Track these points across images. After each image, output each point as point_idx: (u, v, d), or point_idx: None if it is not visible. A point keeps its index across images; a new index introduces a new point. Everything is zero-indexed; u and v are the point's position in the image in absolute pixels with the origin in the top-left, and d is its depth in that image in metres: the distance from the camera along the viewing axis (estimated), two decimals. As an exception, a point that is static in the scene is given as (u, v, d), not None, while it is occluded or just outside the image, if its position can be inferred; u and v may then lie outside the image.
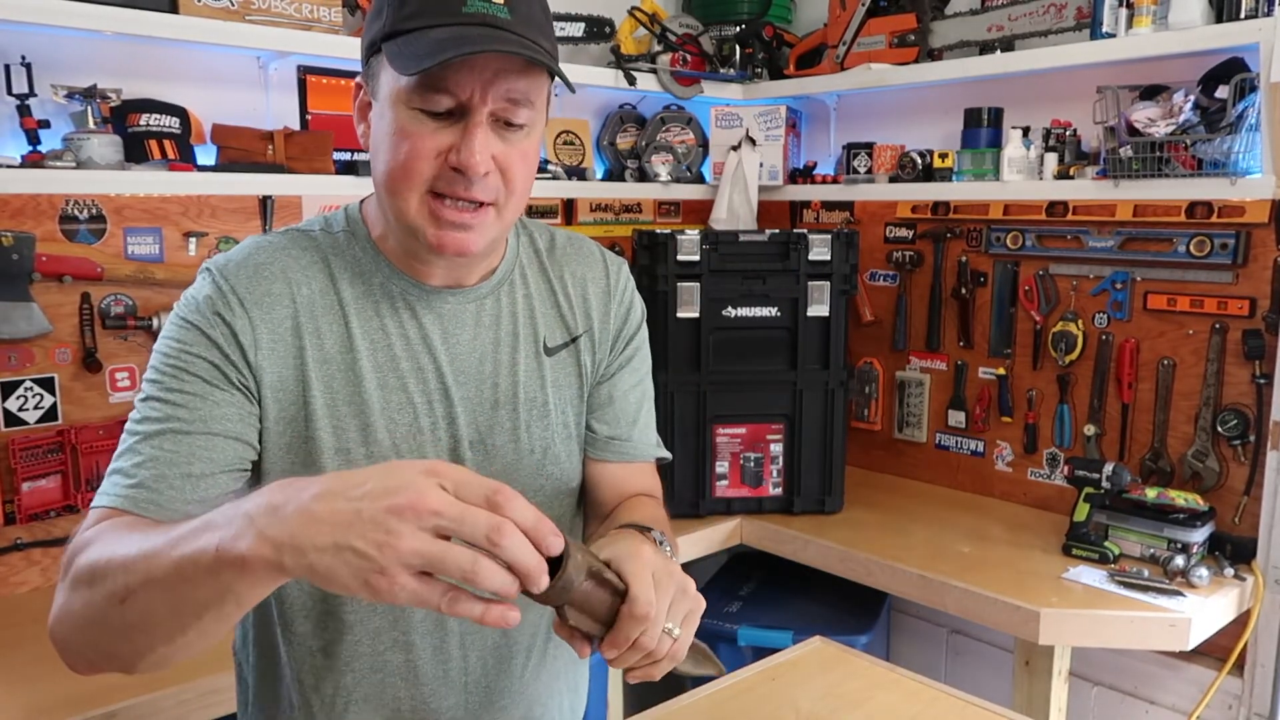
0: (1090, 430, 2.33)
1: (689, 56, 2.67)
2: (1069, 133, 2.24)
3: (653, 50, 2.62)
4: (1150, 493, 2.06)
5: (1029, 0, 2.21)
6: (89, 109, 1.81)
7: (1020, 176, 2.29)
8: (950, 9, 2.44)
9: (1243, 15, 1.90)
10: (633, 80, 2.54)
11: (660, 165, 2.73)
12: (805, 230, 2.35)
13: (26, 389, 1.85)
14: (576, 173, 2.63)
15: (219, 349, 1.00)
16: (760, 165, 2.74)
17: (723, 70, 2.73)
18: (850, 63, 2.55)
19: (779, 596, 2.50)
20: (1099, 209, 2.25)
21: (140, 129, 1.90)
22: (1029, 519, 2.36)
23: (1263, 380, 2.05)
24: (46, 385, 1.87)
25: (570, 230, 1.26)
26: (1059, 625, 1.82)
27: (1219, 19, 1.94)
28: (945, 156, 2.43)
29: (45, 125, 1.80)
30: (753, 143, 2.73)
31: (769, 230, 2.37)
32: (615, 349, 1.21)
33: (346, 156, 2.19)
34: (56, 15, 1.67)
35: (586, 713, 1.35)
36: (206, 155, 2.02)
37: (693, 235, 2.28)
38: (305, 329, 1.04)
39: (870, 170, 2.60)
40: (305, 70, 2.18)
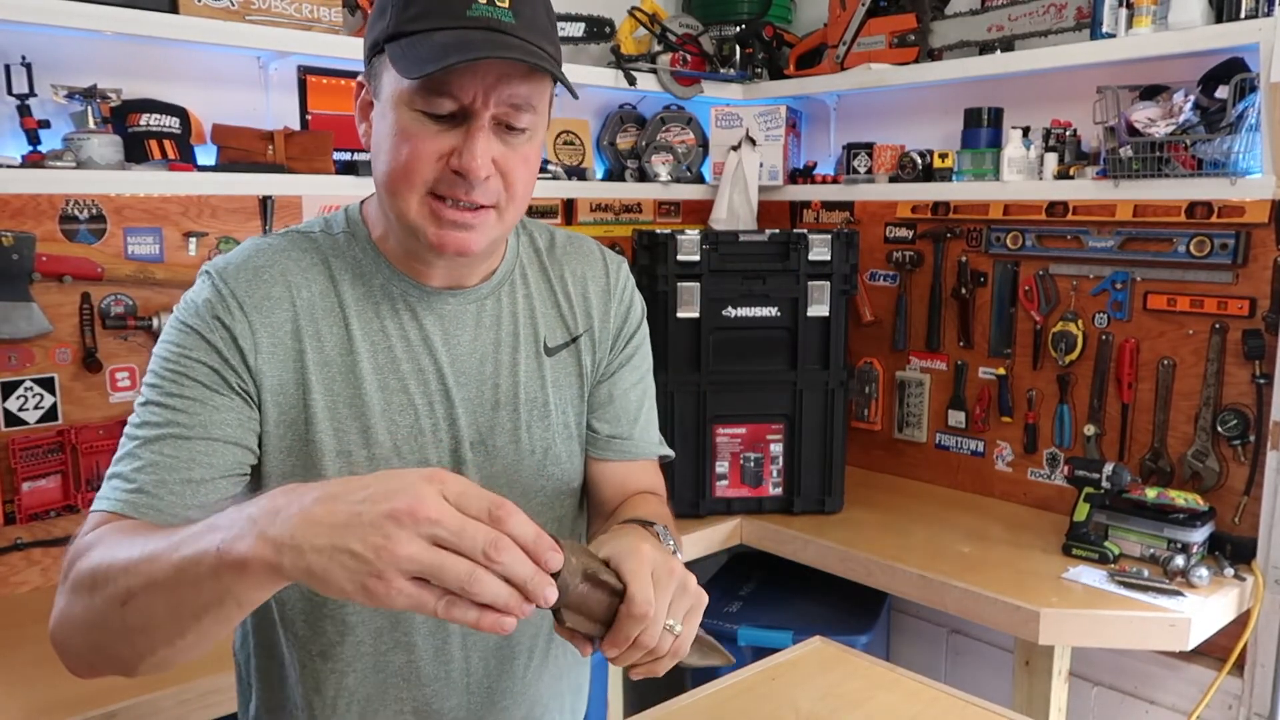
0: (1090, 430, 2.33)
1: (689, 56, 2.67)
2: (1069, 133, 2.23)
3: (653, 50, 2.62)
4: (1150, 493, 2.06)
5: (1029, 0, 2.21)
6: (89, 109, 1.81)
7: (1020, 176, 2.29)
8: (950, 9, 2.44)
9: (1243, 15, 1.90)
10: (633, 80, 2.53)
11: (660, 165, 2.73)
12: (805, 230, 2.35)
13: (26, 389, 1.85)
14: (576, 173, 2.63)
15: (218, 353, 1.00)
16: (760, 165, 2.74)
17: (723, 70, 2.73)
18: (850, 63, 2.55)
19: (779, 596, 2.50)
20: (1099, 209, 2.25)
21: (140, 129, 1.90)
22: (1029, 519, 2.36)
23: (1263, 380, 2.05)
24: (46, 385, 1.87)
25: (570, 230, 1.26)
26: (1059, 625, 1.82)
27: (1219, 19, 1.94)
28: (945, 156, 2.43)
29: (45, 125, 1.80)
30: (753, 143, 2.73)
31: (769, 230, 2.37)
32: (615, 348, 1.21)
33: (346, 156, 2.19)
34: (56, 15, 1.67)
35: (586, 713, 1.35)
36: (206, 155, 2.02)
37: (693, 235, 2.28)
38: (305, 332, 1.04)
39: (870, 170, 2.60)
40: (305, 70, 2.18)
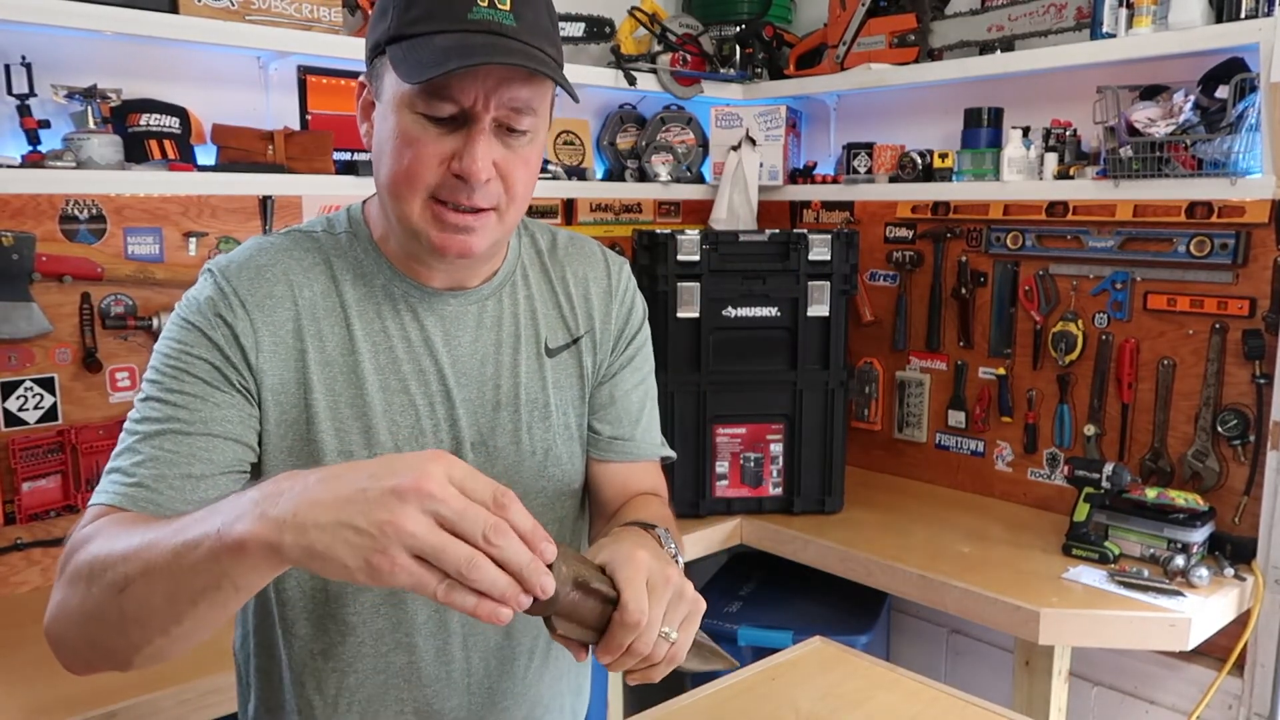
0: (1090, 430, 2.33)
1: (689, 56, 2.67)
2: (1069, 133, 2.24)
3: (653, 50, 2.62)
4: (1150, 493, 2.06)
5: (1029, 0, 2.21)
6: (89, 109, 1.81)
7: (1020, 176, 2.29)
8: (950, 9, 2.44)
9: (1243, 15, 1.90)
10: (633, 80, 2.53)
11: (660, 165, 2.73)
12: (805, 230, 2.35)
13: (26, 389, 1.84)
14: (576, 173, 2.63)
15: (220, 350, 1.00)
16: (760, 165, 2.74)
17: (723, 70, 2.73)
18: (850, 63, 2.55)
19: (779, 596, 2.50)
20: (1099, 209, 2.25)
21: (140, 129, 1.90)
22: (1029, 519, 2.36)
23: (1263, 380, 2.05)
24: (46, 385, 1.87)
25: (571, 230, 1.26)
26: (1059, 625, 1.82)
27: (1219, 19, 1.94)
28: (945, 156, 2.43)
29: (45, 125, 1.80)
30: (753, 143, 2.73)
31: (769, 230, 2.37)
32: (617, 349, 1.21)
33: (346, 156, 2.19)
34: (56, 15, 1.67)
35: (587, 714, 1.35)
36: (206, 155, 2.02)
37: (693, 235, 2.28)
38: (307, 331, 1.04)
39: (870, 170, 2.60)
40: (305, 70, 2.18)
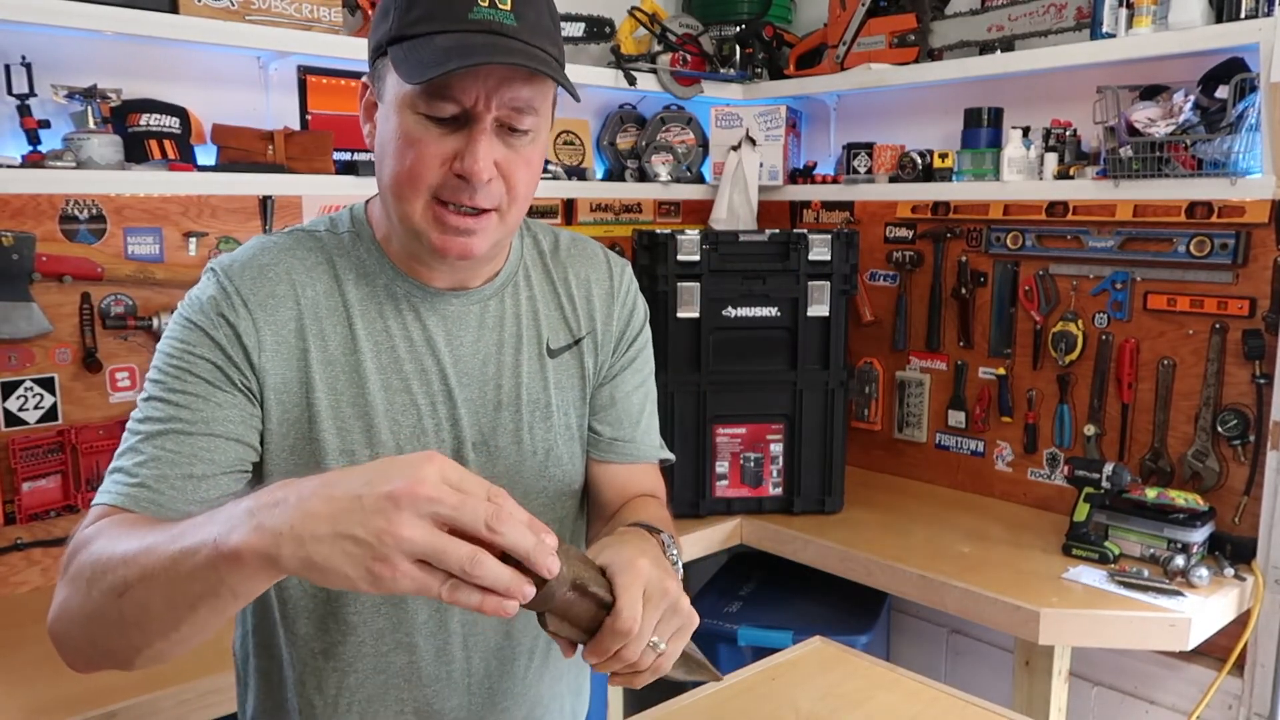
0: (1090, 430, 2.33)
1: (689, 56, 2.67)
2: (1069, 133, 2.24)
3: (653, 50, 2.62)
4: (1150, 493, 2.06)
5: (1029, 0, 2.21)
6: (89, 109, 1.81)
7: (1020, 176, 2.29)
8: (950, 9, 2.44)
9: (1243, 15, 1.90)
10: (633, 80, 2.53)
11: (660, 165, 2.73)
12: (805, 230, 2.35)
13: (26, 389, 1.84)
14: (576, 173, 2.63)
15: (222, 350, 1.00)
16: (760, 165, 2.74)
17: (723, 70, 2.73)
18: (850, 63, 2.55)
19: (779, 596, 2.50)
20: (1099, 209, 2.25)
21: (140, 129, 1.90)
22: (1029, 519, 2.36)
23: (1263, 380, 2.05)
24: (46, 385, 1.87)
25: (573, 231, 1.26)
26: (1059, 625, 1.82)
27: (1219, 19, 1.94)
28: (945, 156, 2.43)
29: (45, 125, 1.80)
30: (753, 143, 2.73)
31: (769, 230, 2.37)
32: (618, 351, 1.21)
33: (346, 156, 2.19)
34: (56, 15, 1.67)
35: (586, 714, 1.35)
36: (206, 155, 2.02)
37: (693, 235, 2.28)
38: (309, 331, 1.04)
39: (870, 170, 2.60)
40: (305, 70, 2.17)
